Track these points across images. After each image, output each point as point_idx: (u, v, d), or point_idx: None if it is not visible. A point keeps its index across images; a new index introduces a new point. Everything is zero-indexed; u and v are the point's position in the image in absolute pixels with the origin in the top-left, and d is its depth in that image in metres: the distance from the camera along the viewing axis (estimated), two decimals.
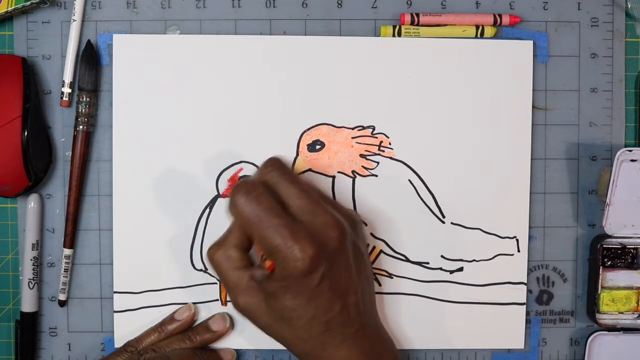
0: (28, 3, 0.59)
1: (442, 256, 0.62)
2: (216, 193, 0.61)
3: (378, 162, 0.62)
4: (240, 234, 0.54)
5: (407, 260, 0.62)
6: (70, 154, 0.61)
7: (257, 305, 0.53)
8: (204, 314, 0.62)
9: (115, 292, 0.61)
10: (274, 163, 0.54)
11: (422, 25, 0.61)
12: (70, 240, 0.61)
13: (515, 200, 0.62)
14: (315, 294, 0.52)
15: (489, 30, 0.61)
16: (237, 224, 0.54)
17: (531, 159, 0.62)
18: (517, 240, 0.62)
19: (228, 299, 0.61)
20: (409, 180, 0.62)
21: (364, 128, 0.61)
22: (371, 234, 0.62)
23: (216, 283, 0.62)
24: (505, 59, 0.61)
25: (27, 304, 0.61)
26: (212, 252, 0.54)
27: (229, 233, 0.54)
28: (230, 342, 0.62)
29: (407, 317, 0.62)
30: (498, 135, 0.62)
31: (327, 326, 0.53)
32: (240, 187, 0.52)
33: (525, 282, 0.62)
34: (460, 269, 0.62)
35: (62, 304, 0.62)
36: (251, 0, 0.61)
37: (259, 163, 0.56)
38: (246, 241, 0.54)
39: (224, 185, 0.61)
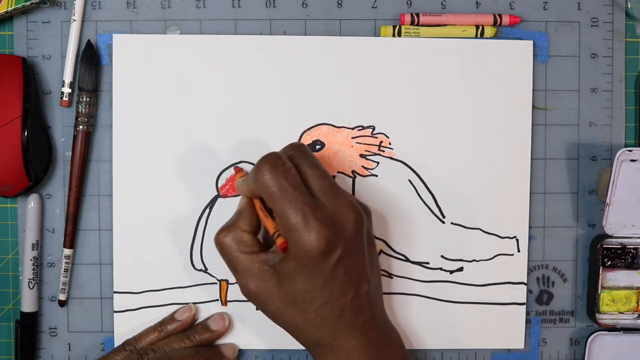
0: (28, 3, 0.59)
1: (442, 256, 0.62)
2: (216, 193, 0.61)
3: (378, 162, 0.62)
4: (251, 217, 0.54)
5: (407, 260, 0.62)
6: (70, 154, 0.61)
7: (269, 290, 0.53)
8: (203, 314, 0.62)
9: (115, 292, 0.61)
10: (297, 147, 0.54)
11: (422, 25, 0.61)
12: (70, 240, 0.61)
13: (515, 200, 0.62)
14: (330, 278, 0.52)
15: (489, 30, 0.61)
16: (246, 204, 0.54)
17: (531, 159, 0.62)
18: (517, 240, 0.62)
19: (228, 298, 0.61)
20: (409, 180, 0.62)
21: (364, 128, 0.61)
22: None
23: (216, 283, 0.62)
24: (505, 59, 0.61)
25: (27, 304, 0.61)
26: (221, 236, 0.54)
27: (238, 217, 0.55)
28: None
29: (407, 317, 0.62)
30: (498, 135, 0.62)
31: (340, 312, 0.53)
32: (268, 160, 0.52)
33: (525, 282, 0.62)
34: (460, 269, 0.62)
35: (62, 304, 0.62)
36: (251, 0, 0.61)
37: None
38: (256, 225, 0.55)
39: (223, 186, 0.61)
